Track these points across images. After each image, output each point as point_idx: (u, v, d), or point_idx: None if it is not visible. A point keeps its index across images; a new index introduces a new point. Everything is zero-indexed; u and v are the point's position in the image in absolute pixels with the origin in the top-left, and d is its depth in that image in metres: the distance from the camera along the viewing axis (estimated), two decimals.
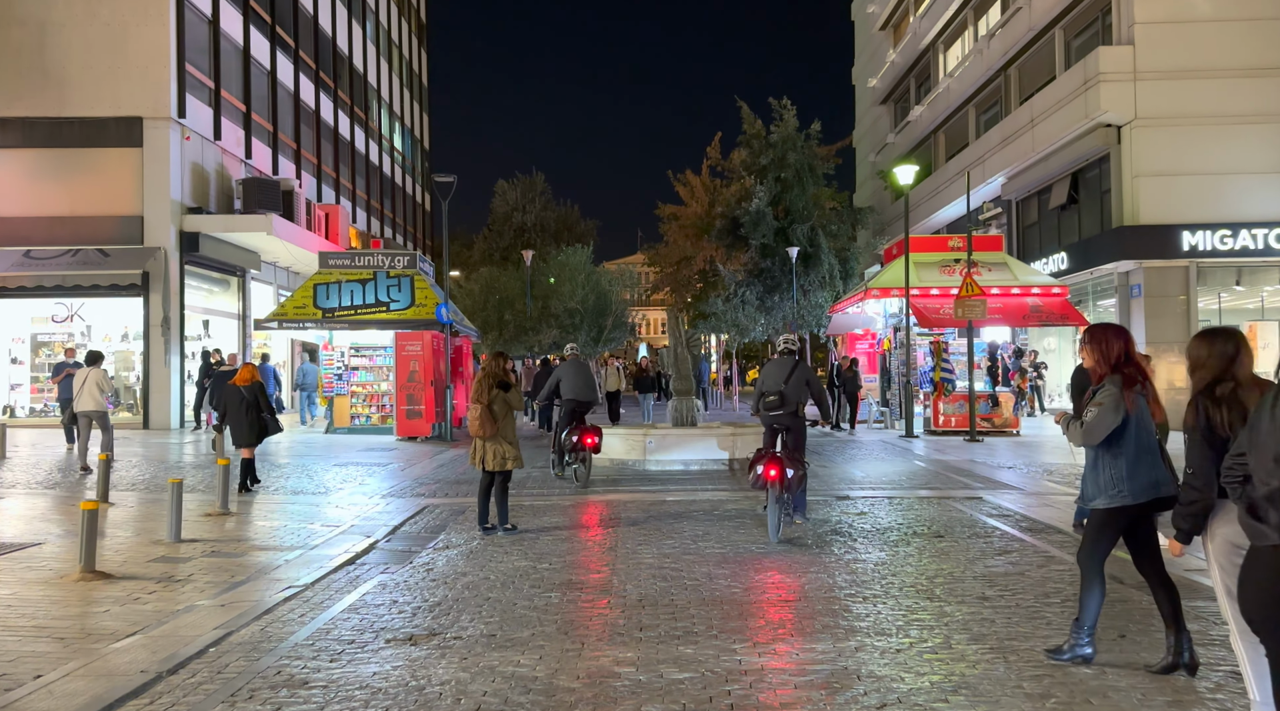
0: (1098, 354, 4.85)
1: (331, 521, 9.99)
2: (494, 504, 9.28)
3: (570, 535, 9.14)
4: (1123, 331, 4.96)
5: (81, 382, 13.49)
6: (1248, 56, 21.51)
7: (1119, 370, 4.75)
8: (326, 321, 19.90)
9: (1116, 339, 4.85)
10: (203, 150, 22.91)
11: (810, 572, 7.41)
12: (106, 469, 10.97)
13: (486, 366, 9.43)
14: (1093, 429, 4.74)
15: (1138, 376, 4.75)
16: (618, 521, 9.86)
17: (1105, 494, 4.81)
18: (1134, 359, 4.84)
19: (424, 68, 48.46)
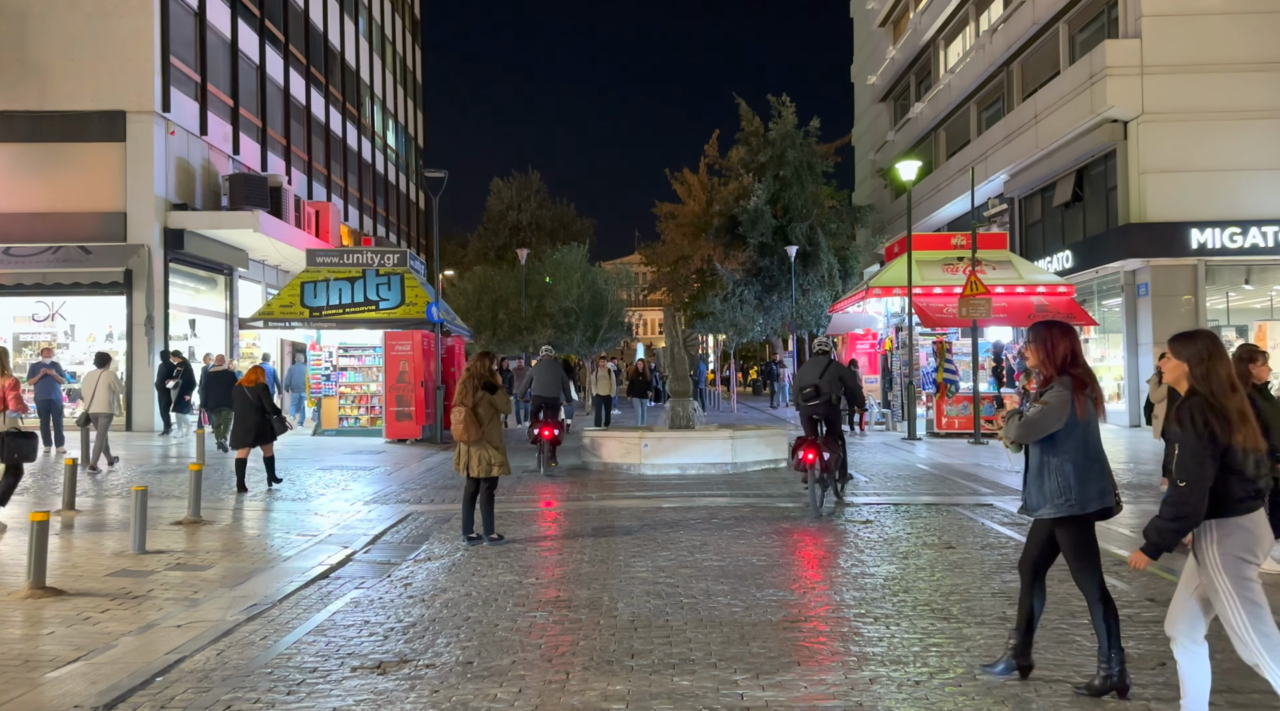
0: (1042, 354, 4.51)
1: (309, 530, 9.47)
2: (479, 512, 8.77)
3: (560, 546, 8.62)
4: (1069, 331, 4.60)
5: (94, 384, 13.70)
6: (1258, 49, 21.04)
7: (1067, 371, 4.43)
8: (314, 320, 19.36)
9: (1063, 338, 4.50)
10: (188, 145, 22.36)
11: (816, 588, 6.91)
12: (73, 474, 10.46)
13: (471, 367, 8.90)
14: (1034, 425, 4.43)
15: (1086, 379, 4.45)
16: (611, 530, 9.35)
17: (1052, 503, 4.50)
18: (1081, 360, 4.52)
19: (418, 64, 47.92)
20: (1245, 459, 3.67)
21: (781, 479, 13.11)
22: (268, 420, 11.73)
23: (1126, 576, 7.17)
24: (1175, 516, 3.68)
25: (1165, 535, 3.72)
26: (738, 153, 36.49)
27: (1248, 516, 3.71)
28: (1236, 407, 3.69)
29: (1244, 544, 3.69)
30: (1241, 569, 3.69)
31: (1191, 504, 3.64)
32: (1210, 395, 3.72)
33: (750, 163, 35.42)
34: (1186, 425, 3.69)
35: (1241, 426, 3.66)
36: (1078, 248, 23.77)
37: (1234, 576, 3.70)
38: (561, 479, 13.50)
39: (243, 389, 11.75)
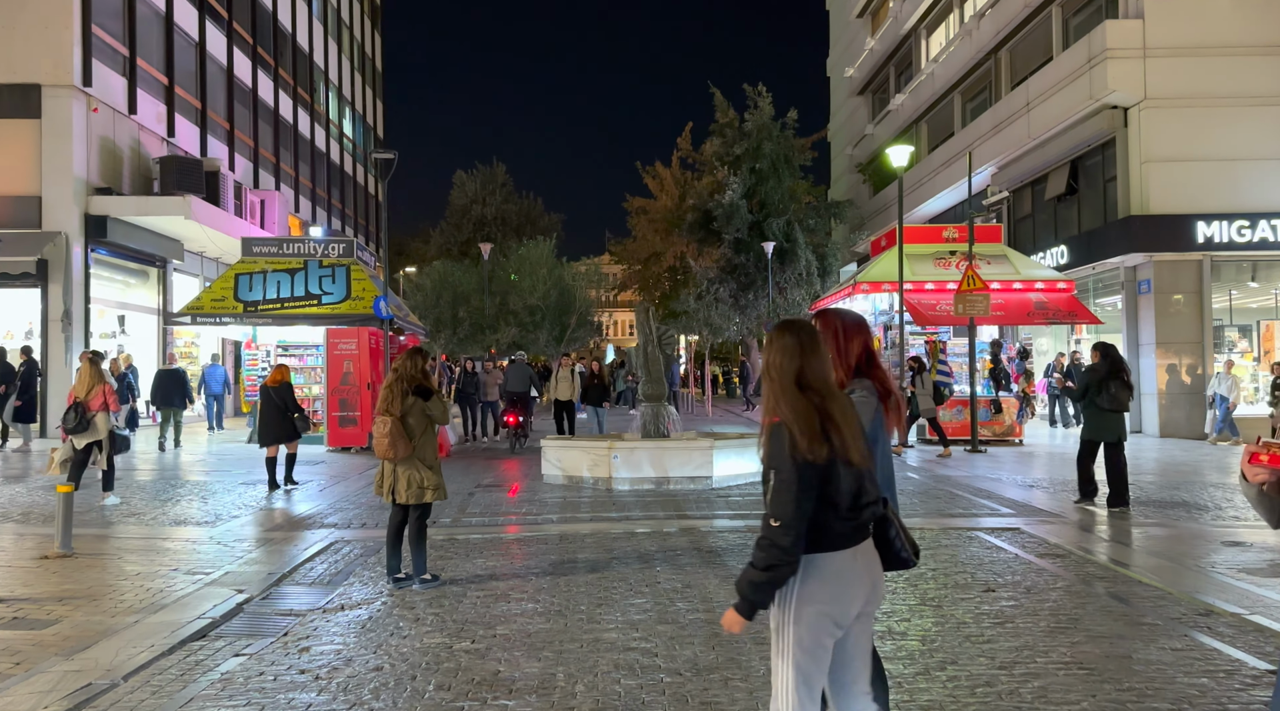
0: (833, 348, 3.49)
1: (203, 565, 7.74)
2: (408, 547, 7.08)
3: (507, 590, 6.94)
4: (862, 322, 3.63)
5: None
6: (1268, 32, 19.80)
7: (866, 374, 3.48)
8: (249, 316, 17.50)
9: (856, 331, 3.57)
10: (114, 124, 20.39)
11: None
12: None
13: (399, 367, 7.18)
14: None
15: (887, 381, 3.55)
16: (573, 566, 7.68)
17: None
18: (877, 362, 3.59)
19: (377, 51, 45.88)
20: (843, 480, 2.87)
21: None
22: (290, 419, 11.95)
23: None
24: (770, 563, 2.80)
25: (762, 590, 2.84)
26: (712, 145, 35.00)
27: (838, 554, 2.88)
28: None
29: (836, 596, 2.87)
30: (825, 638, 2.87)
31: (787, 550, 2.79)
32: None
33: (725, 155, 33.95)
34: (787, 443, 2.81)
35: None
36: (1073, 243, 22.44)
37: (812, 646, 2.87)
38: (521, 499, 11.85)
39: (267, 389, 11.92)
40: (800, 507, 2.76)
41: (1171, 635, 5.69)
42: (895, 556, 3.11)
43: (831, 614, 2.85)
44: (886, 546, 3.08)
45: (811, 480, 2.78)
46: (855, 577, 2.88)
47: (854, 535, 2.90)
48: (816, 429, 2.80)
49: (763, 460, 2.88)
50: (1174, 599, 6.55)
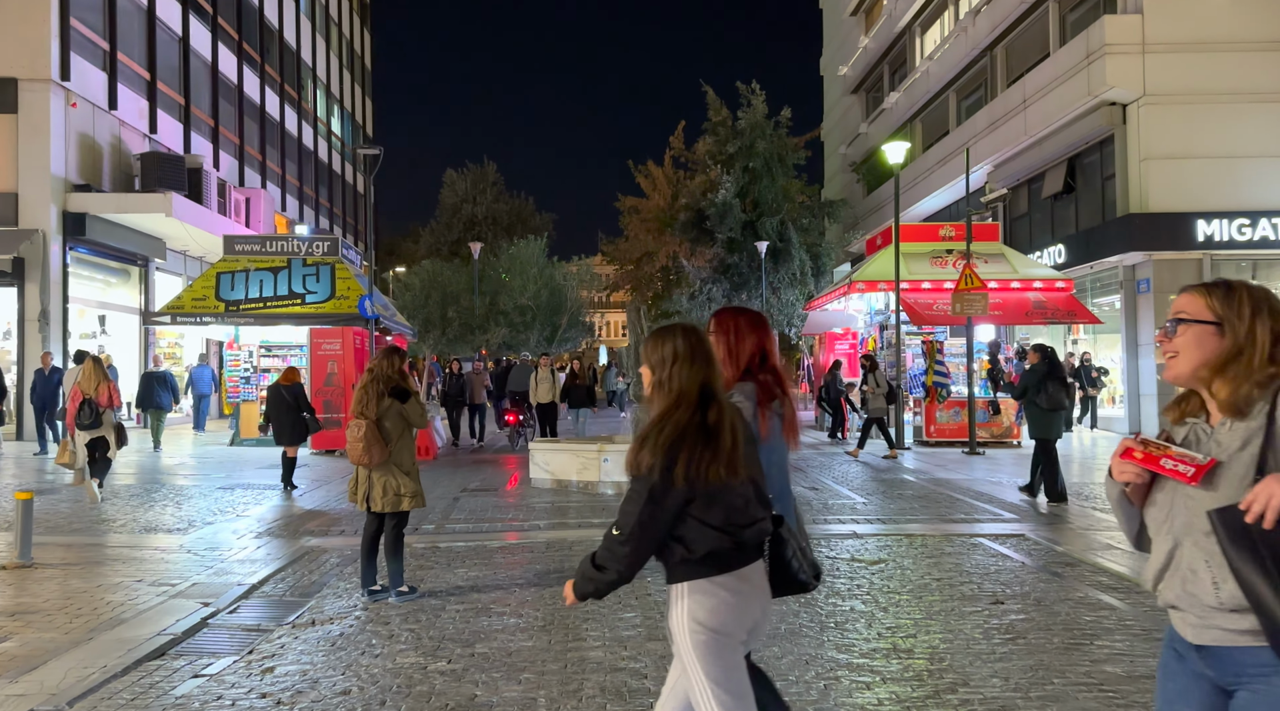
0: (723, 349, 3.31)
1: (170, 576, 7.34)
2: (384, 558, 6.70)
3: (489, 603, 6.56)
4: (760, 321, 3.44)
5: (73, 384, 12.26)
6: (1269, 27, 19.53)
7: (754, 375, 3.27)
8: (230, 315, 17.08)
9: (751, 330, 3.37)
10: (94, 120, 19.94)
11: (839, 680, 4.92)
12: None
13: (375, 368, 6.79)
14: None
15: (777, 387, 3.28)
16: (559, 576, 7.31)
17: None
18: (773, 362, 3.35)
19: (366, 48, 45.40)
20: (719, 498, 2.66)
21: None
22: (303, 418, 11.95)
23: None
24: (606, 580, 2.68)
25: (589, 586, 2.71)
26: (705, 144, 34.67)
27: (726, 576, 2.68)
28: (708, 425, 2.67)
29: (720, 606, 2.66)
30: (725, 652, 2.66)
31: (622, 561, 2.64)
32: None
33: (718, 154, 33.61)
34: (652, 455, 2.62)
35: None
36: (1071, 241, 22.14)
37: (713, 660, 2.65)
38: (507, 504, 11.47)
39: (279, 388, 11.93)
40: (643, 523, 2.58)
41: None
42: (793, 578, 2.89)
43: (734, 633, 2.66)
44: (783, 568, 2.87)
45: (664, 496, 2.57)
46: (744, 603, 2.67)
47: (738, 556, 2.67)
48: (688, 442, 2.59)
49: (626, 465, 2.67)
50: None
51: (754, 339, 3.33)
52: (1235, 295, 2.19)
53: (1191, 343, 2.19)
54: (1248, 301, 2.18)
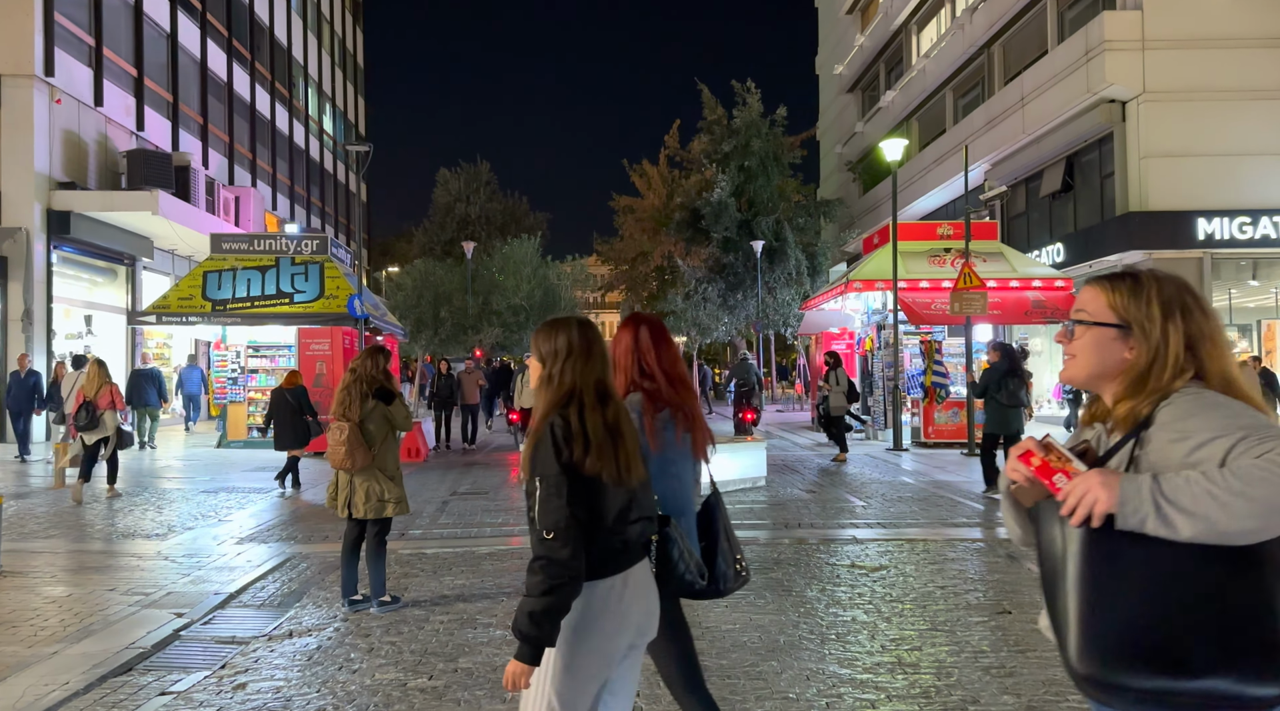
0: (622, 355, 3.16)
1: (144, 585, 7.06)
2: (365, 566, 6.42)
3: (475, 613, 6.28)
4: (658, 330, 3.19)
5: (73, 386, 12.42)
6: (1270, 24, 19.34)
7: (639, 384, 3.09)
8: (217, 315, 16.78)
9: (653, 338, 3.14)
10: (79, 117, 19.62)
11: (842, 697, 4.65)
12: None
13: (357, 368, 6.52)
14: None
15: (672, 394, 3.07)
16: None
17: None
18: (669, 366, 3.10)
19: (359, 46, 45.06)
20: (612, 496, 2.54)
21: (764, 503, 10.92)
22: (305, 421, 11.92)
23: None
24: (548, 587, 2.36)
25: (542, 622, 2.36)
26: (700, 142, 34.46)
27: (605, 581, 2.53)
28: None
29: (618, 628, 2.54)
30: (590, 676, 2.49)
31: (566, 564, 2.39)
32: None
33: (714, 153, 33.40)
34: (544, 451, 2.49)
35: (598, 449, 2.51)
36: (1070, 240, 21.93)
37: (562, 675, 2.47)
38: (498, 508, 11.20)
39: (282, 391, 11.93)
40: (574, 514, 2.41)
41: None
42: (679, 580, 2.77)
43: (599, 649, 2.48)
44: (669, 569, 2.76)
45: (580, 489, 2.44)
46: (624, 606, 2.52)
47: (622, 557, 2.55)
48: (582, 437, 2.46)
49: (523, 468, 2.50)
50: None
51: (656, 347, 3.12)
52: (1143, 292, 1.88)
53: (1089, 346, 1.92)
54: (1157, 300, 1.87)
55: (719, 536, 3.16)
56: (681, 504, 3.09)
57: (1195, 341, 1.85)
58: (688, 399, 3.12)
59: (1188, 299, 1.88)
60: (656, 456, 3.00)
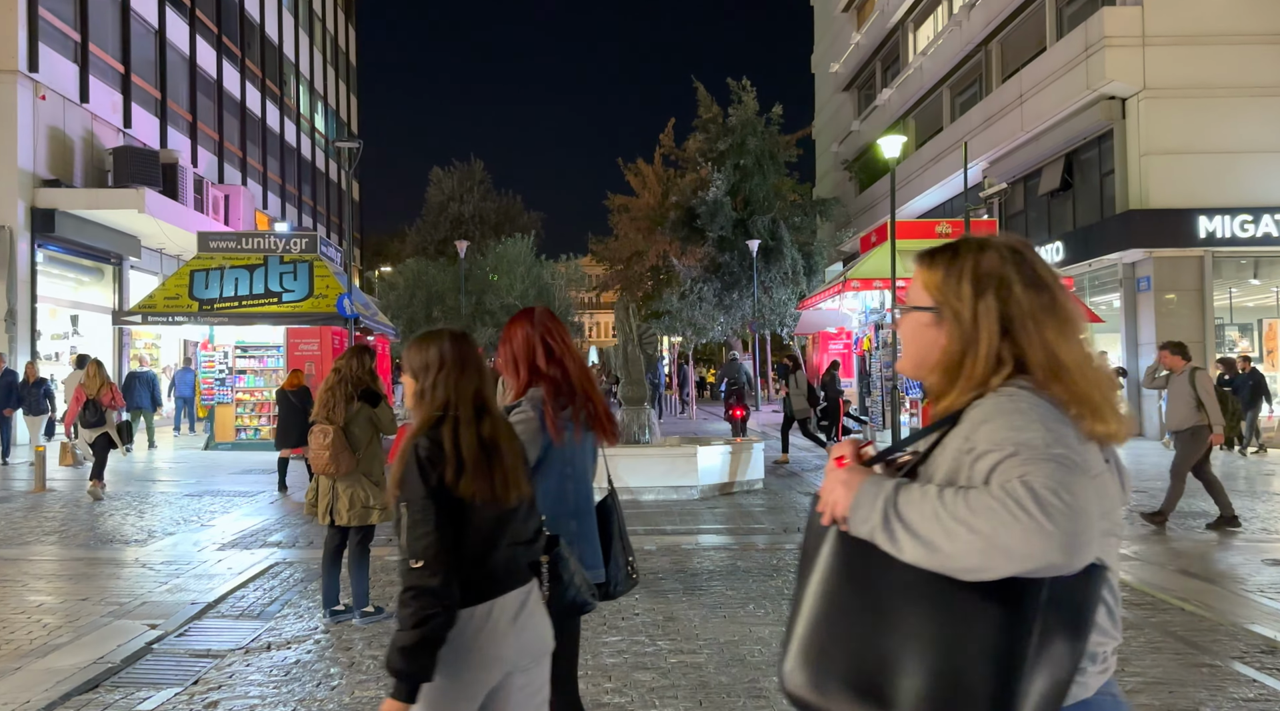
0: (504, 349, 3.03)
1: (119, 594, 6.79)
2: (348, 575, 6.15)
3: None
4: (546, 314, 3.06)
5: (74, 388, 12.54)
6: (1271, 20, 19.13)
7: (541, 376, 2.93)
8: (204, 315, 16.49)
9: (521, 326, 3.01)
10: (65, 114, 19.31)
11: None
12: None
13: (341, 368, 6.23)
14: None
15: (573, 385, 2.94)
16: None
17: None
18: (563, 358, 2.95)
19: (352, 44, 44.74)
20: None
21: (764, 505, 10.66)
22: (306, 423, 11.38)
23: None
24: (421, 618, 2.19)
25: (418, 655, 2.18)
26: (695, 141, 34.21)
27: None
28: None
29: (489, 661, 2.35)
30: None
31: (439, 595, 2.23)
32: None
33: (709, 151, 33.15)
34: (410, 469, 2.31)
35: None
36: (1069, 239, 21.72)
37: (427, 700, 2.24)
38: None
39: (285, 393, 11.96)
40: (444, 540, 2.25)
41: (1239, 681, 4.85)
42: (570, 602, 2.62)
43: (464, 683, 2.30)
44: (561, 590, 2.61)
45: (450, 512, 2.28)
46: (492, 637, 2.34)
47: (491, 584, 2.37)
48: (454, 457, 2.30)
49: (389, 492, 2.38)
50: (1226, 631, 5.73)
51: (547, 339, 2.97)
52: (957, 266, 1.60)
53: (907, 335, 1.69)
54: (970, 275, 1.59)
55: (613, 538, 3.06)
56: (582, 504, 2.98)
57: (1012, 323, 1.55)
58: (591, 391, 2.97)
59: (1009, 270, 1.56)
60: (557, 454, 2.89)
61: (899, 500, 1.44)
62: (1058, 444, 1.42)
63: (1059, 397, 1.52)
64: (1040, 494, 1.35)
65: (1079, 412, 1.53)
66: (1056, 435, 1.44)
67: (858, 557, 1.49)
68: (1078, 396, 1.53)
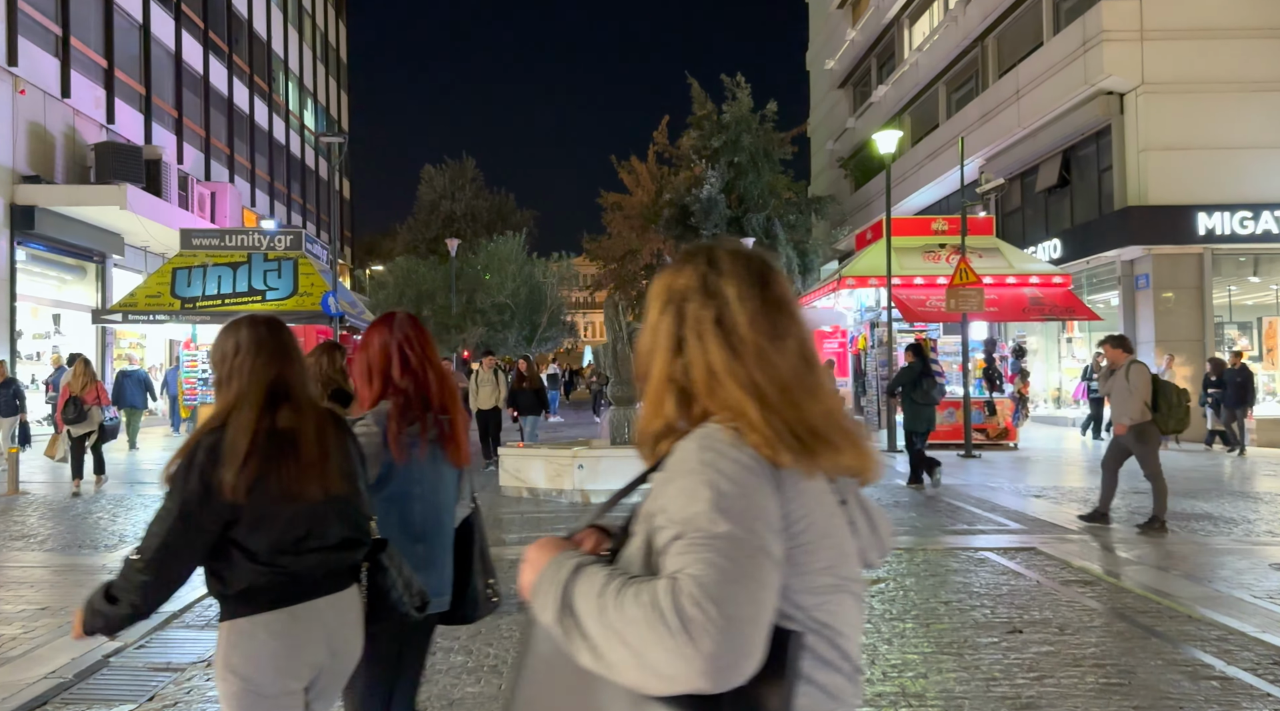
0: (360, 357, 2.86)
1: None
2: None
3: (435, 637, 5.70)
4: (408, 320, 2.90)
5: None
6: (1272, 14, 18.90)
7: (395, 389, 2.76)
8: (185, 313, 16.20)
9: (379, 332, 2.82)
10: (45, 109, 18.97)
11: None
12: None
13: (312, 367, 5.91)
14: None
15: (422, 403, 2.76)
16: (516, 604, 6.45)
17: None
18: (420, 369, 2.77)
19: (342, 40, 44.38)
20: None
21: None
22: None
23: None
24: (122, 613, 2.23)
25: (96, 617, 2.25)
26: (689, 138, 33.85)
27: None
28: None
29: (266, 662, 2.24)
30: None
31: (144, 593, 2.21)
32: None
33: (703, 148, 32.80)
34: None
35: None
36: (1067, 236, 21.47)
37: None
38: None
39: None
40: (169, 546, 2.18)
41: (1253, 696, 4.58)
42: (392, 612, 2.47)
43: (267, 690, 2.24)
44: (381, 599, 2.47)
45: (200, 514, 2.18)
46: (292, 648, 2.25)
47: (291, 590, 2.26)
48: (237, 451, 2.18)
49: (161, 477, 2.29)
50: (1237, 640, 5.46)
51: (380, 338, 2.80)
52: (661, 280, 1.38)
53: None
54: (662, 289, 1.36)
55: (473, 559, 2.94)
56: (429, 527, 2.82)
57: (684, 346, 1.31)
58: (451, 405, 2.83)
59: (699, 278, 1.32)
60: (403, 472, 2.73)
61: (576, 588, 1.21)
62: (727, 517, 1.17)
63: (763, 431, 1.25)
64: (683, 605, 1.11)
65: (798, 445, 1.25)
66: (730, 503, 1.18)
67: (541, 641, 1.31)
68: (789, 424, 1.26)
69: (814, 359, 1.36)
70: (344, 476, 2.34)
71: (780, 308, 1.34)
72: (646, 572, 1.23)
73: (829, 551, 1.28)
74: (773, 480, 1.23)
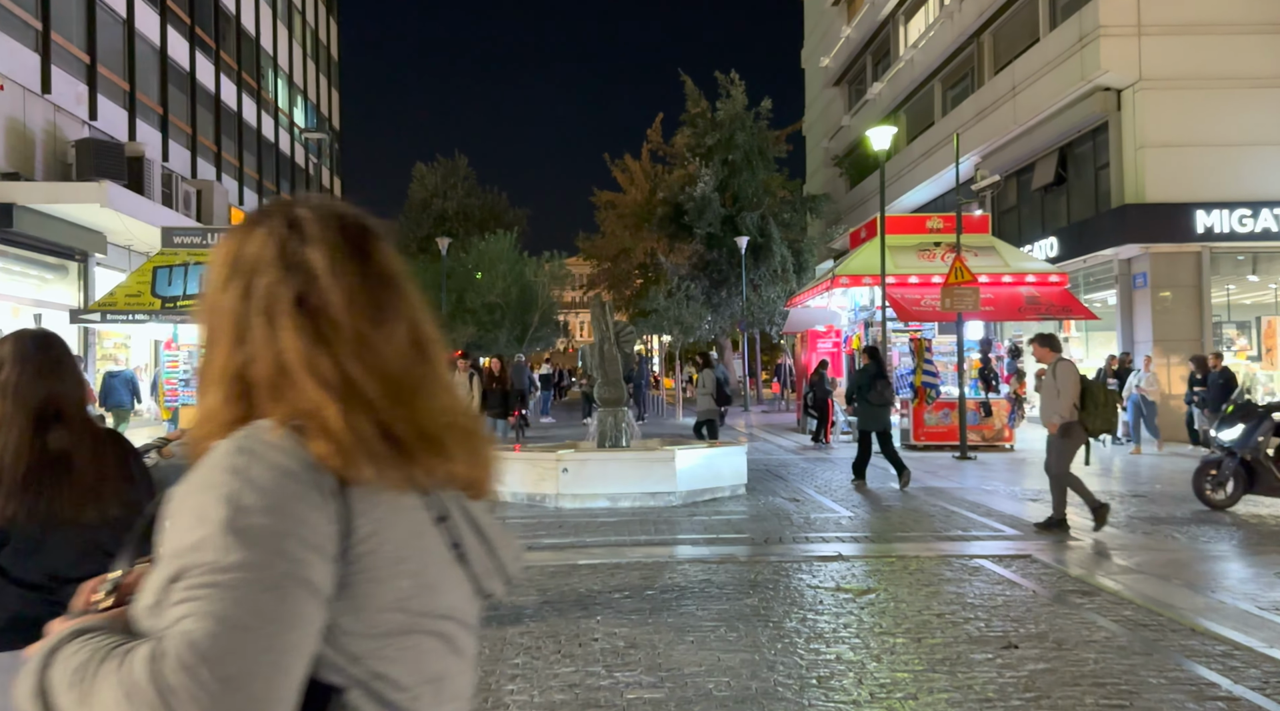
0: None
1: None
2: None
3: None
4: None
5: None
6: (1270, 9, 18.64)
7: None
8: (166, 312, 15.85)
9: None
10: (24, 104, 18.60)
11: None
12: None
13: None
14: None
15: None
16: (491, 615, 6.16)
17: None
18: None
19: (333, 38, 43.98)
20: None
21: (744, 516, 10.09)
22: None
23: None
24: None
25: None
26: (683, 136, 33.63)
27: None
28: None
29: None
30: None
31: None
32: None
33: (697, 147, 32.58)
34: None
35: None
36: (1063, 234, 21.21)
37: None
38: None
39: None
40: None
41: None
42: None
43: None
44: None
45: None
46: None
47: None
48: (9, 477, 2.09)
49: None
50: (1243, 656, 5.18)
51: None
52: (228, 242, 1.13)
53: None
54: (226, 254, 1.10)
55: None
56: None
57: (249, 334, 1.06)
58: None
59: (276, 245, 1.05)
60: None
61: (52, 676, 0.94)
62: (243, 540, 0.90)
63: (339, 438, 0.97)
64: (163, 674, 0.85)
65: (390, 453, 0.99)
66: (249, 520, 0.90)
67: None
68: (386, 426, 1.00)
69: (429, 346, 1.08)
70: (122, 501, 2.17)
71: (387, 283, 1.06)
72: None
73: (404, 580, 0.99)
74: (322, 487, 0.95)
